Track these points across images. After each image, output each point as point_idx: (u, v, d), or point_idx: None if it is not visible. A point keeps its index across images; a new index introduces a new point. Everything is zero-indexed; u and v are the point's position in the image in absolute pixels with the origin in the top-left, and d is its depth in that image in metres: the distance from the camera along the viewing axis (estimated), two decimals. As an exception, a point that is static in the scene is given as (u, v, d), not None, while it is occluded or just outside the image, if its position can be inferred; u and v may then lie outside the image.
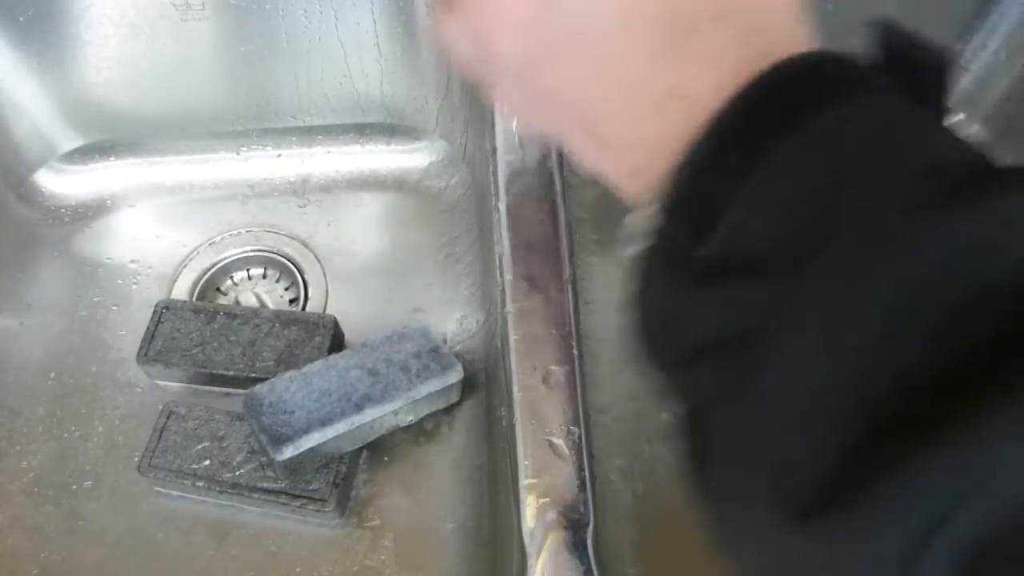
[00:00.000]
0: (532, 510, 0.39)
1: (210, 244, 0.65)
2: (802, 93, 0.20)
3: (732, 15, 0.22)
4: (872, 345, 0.17)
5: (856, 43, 0.21)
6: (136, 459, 0.53)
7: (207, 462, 0.53)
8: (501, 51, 0.25)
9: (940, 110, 0.21)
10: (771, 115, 0.20)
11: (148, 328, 0.57)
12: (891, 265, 0.17)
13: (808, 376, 0.18)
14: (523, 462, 0.40)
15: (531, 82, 0.25)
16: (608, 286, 0.60)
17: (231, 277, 0.64)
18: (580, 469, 0.40)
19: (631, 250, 0.23)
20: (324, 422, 0.49)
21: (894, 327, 0.17)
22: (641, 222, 0.23)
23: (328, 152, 0.69)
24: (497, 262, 0.47)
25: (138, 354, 0.57)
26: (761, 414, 0.19)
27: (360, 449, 0.53)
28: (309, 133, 0.68)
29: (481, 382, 0.57)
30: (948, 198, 0.17)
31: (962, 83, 0.65)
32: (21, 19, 0.58)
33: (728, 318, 0.19)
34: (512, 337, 0.44)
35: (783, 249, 0.18)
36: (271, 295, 0.63)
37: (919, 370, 0.17)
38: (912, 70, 0.21)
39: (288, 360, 0.56)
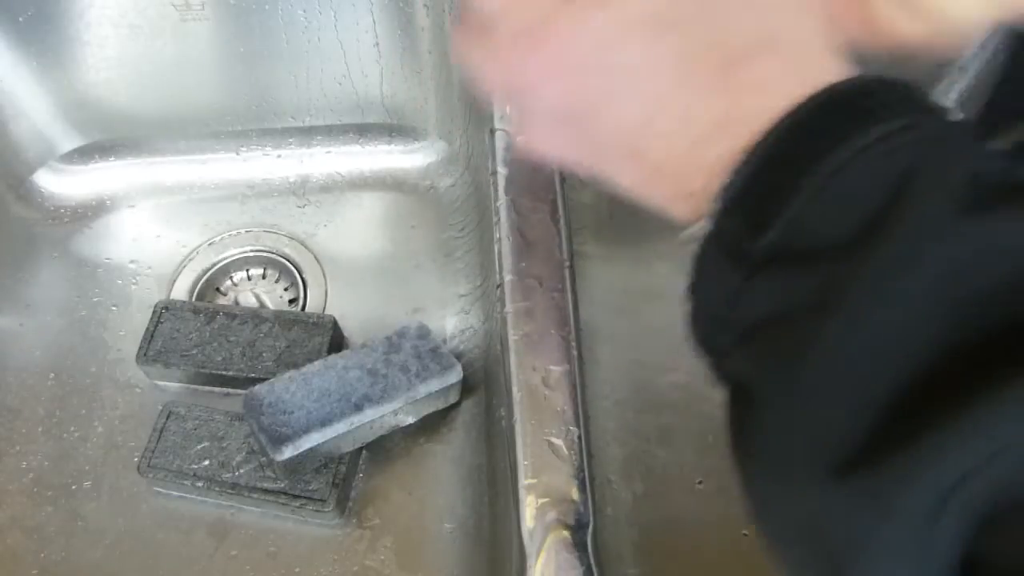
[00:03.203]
0: (532, 510, 0.39)
1: (210, 244, 0.65)
2: (857, 109, 0.22)
3: (776, 47, 0.24)
4: (914, 324, 0.19)
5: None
6: (136, 459, 0.53)
7: (207, 462, 0.53)
8: (548, 100, 0.26)
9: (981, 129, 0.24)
10: (829, 125, 0.22)
11: (148, 328, 0.57)
12: (938, 255, 0.19)
13: (854, 350, 0.20)
14: (523, 462, 0.40)
15: (580, 126, 0.26)
16: (608, 286, 0.60)
17: (231, 277, 0.64)
18: (580, 469, 0.40)
19: (690, 247, 0.24)
20: (324, 422, 0.49)
21: (935, 309, 0.19)
22: (698, 230, 0.24)
23: (328, 152, 0.69)
24: (497, 262, 0.47)
25: (138, 354, 0.57)
26: (809, 383, 0.21)
27: (360, 449, 0.53)
28: (308, 133, 0.68)
29: (481, 382, 0.57)
30: (989, 201, 0.20)
31: (962, 83, 0.65)
32: (21, 19, 0.58)
33: (783, 299, 0.21)
34: (512, 337, 0.44)
35: (840, 239, 0.20)
36: (271, 295, 0.63)
37: (953, 347, 0.19)
38: None
39: (288, 360, 0.56)
